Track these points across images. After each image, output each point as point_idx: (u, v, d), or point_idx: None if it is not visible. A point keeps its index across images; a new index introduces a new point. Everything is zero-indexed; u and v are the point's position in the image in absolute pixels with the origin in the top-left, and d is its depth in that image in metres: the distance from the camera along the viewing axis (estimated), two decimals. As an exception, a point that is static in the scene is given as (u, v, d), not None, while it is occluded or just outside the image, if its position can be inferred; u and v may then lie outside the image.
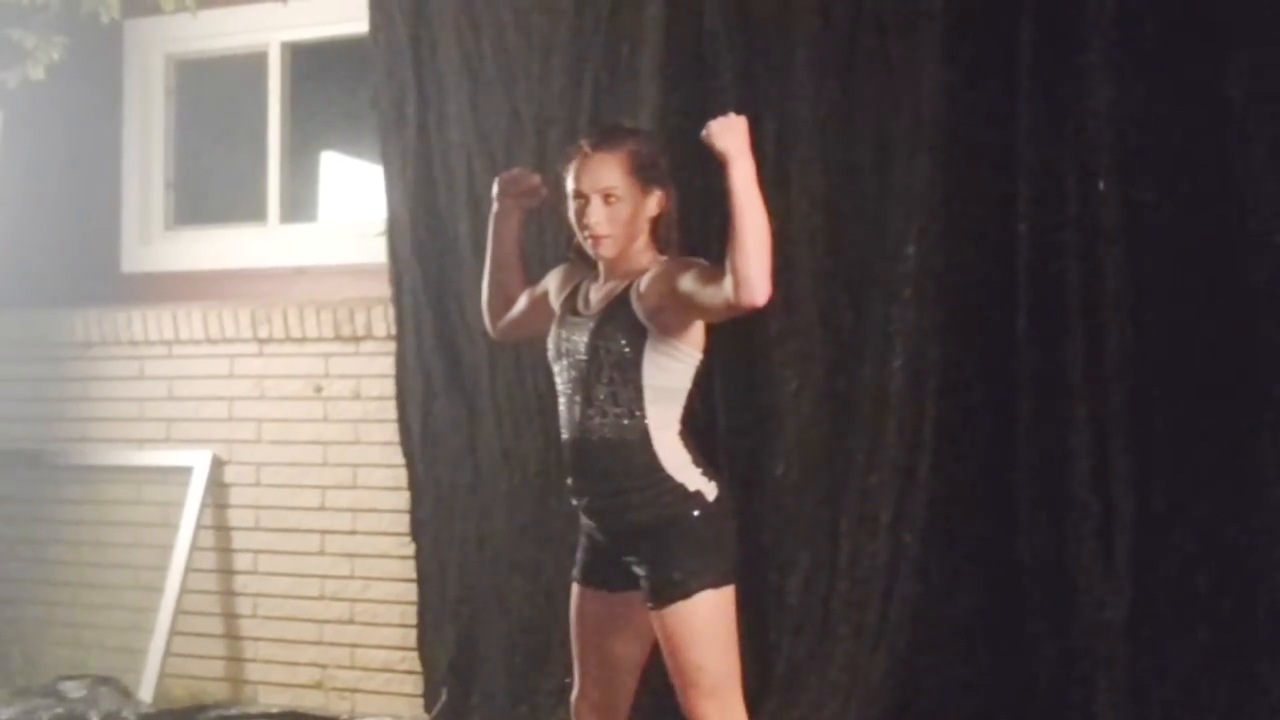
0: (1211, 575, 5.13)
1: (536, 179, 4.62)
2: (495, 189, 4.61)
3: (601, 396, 4.14)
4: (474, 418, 6.50)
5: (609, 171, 4.15)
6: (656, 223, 4.21)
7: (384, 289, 6.76)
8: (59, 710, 6.82)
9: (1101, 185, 5.24)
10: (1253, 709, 5.06)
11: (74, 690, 6.99)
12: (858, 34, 5.69)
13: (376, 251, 6.80)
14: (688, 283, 4.01)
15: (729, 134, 3.90)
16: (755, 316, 4.43)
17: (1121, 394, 5.22)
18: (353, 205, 7.79)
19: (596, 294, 4.25)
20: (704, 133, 3.94)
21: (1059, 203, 5.32)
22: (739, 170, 3.88)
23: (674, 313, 4.08)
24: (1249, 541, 5.09)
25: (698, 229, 4.54)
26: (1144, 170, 5.22)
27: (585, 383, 4.17)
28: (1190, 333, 5.17)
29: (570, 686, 4.44)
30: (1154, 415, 5.20)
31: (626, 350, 4.12)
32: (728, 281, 3.87)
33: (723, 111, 4.00)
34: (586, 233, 4.18)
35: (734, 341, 5.47)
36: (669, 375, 4.15)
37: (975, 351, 5.50)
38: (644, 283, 4.12)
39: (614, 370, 4.13)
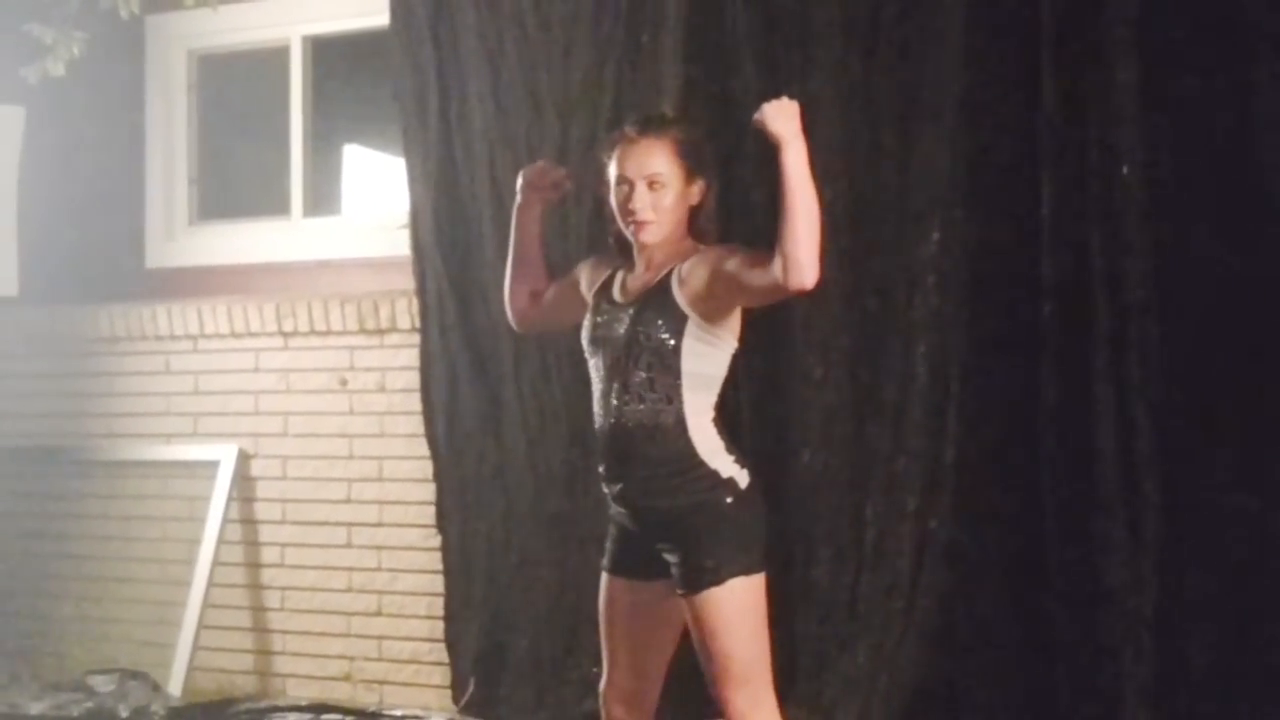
0: (1239, 564, 5.11)
1: (562, 172, 4.64)
2: (520, 180, 4.62)
3: (638, 382, 4.15)
4: (499, 409, 6.50)
5: (655, 157, 4.17)
6: (695, 212, 4.22)
7: (408, 281, 6.76)
8: (88, 704, 6.85)
9: (1125, 170, 5.23)
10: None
11: (103, 684, 7.02)
12: (879, 18, 5.68)
13: (400, 244, 6.80)
14: (734, 265, 4.04)
15: (782, 117, 3.95)
16: (779, 304, 4.43)
17: (1147, 380, 5.21)
18: (376, 198, 7.81)
19: (634, 282, 4.26)
20: (756, 116, 3.97)
21: (1083, 188, 5.31)
22: (792, 153, 3.92)
23: (719, 297, 4.10)
24: (1277, 530, 5.08)
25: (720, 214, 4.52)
26: (1168, 155, 5.21)
27: (622, 370, 4.18)
28: (1216, 318, 5.16)
29: (598, 676, 4.45)
30: (1180, 401, 5.19)
31: (666, 337, 4.13)
32: (777, 263, 3.90)
33: (745, 98, 4.02)
34: (630, 219, 4.19)
35: (758, 329, 5.45)
36: (707, 362, 4.16)
37: (1000, 337, 5.49)
38: (686, 269, 4.14)
39: (653, 357, 4.14)
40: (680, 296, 4.13)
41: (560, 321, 4.61)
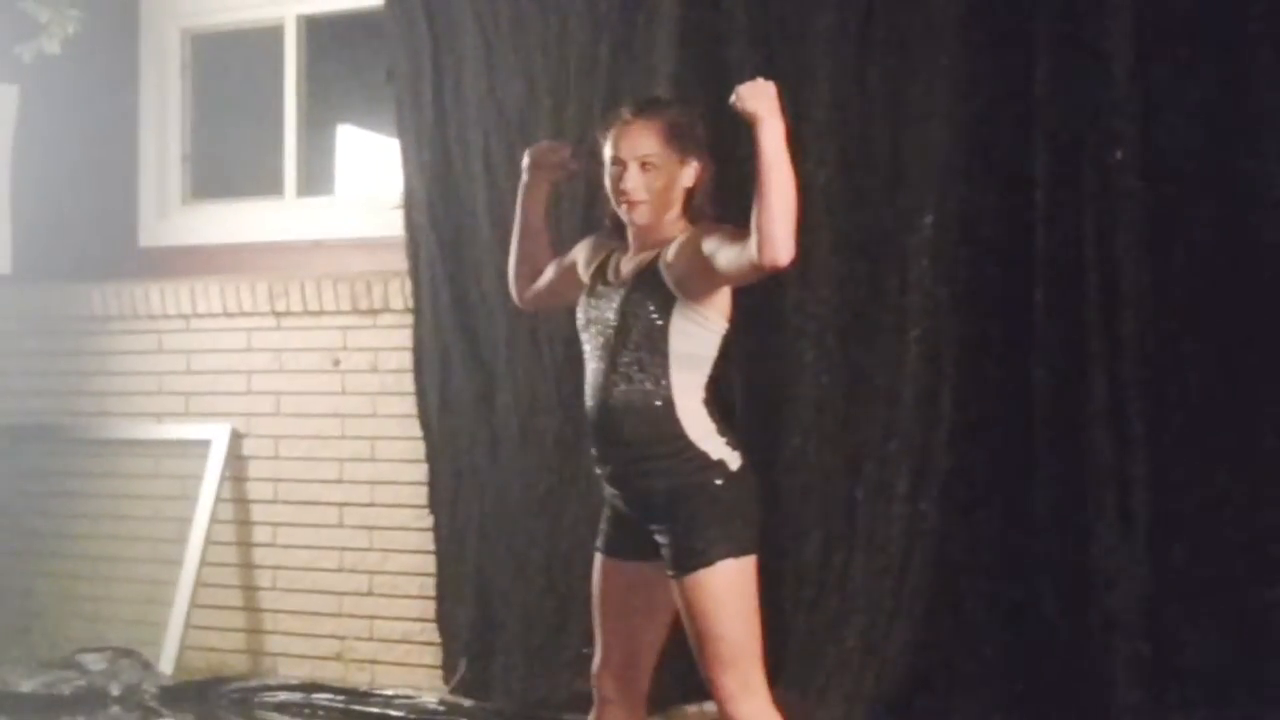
0: (1231, 545, 5.13)
1: (567, 151, 4.66)
2: (526, 160, 4.63)
3: (627, 363, 4.16)
4: (491, 389, 6.51)
5: (648, 139, 4.18)
6: (691, 194, 4.23)
7: (401, 262, 6.76)
8: (80, 683, 6.86)
9: (1119, 154, 5.24)
10: (1274, 681, 5.06)
11: (94, 663, 7.02)
12: (874, 1, 5.68)
13: (393, 224, 6.80)
14: (713, 244, 4.05)
15: (758, 97, 3.96)
16: (771, 286, 4.45)
17: (1139, 364, 5.22)
18: (369, 178, 7.80)
19: (627, 264, 4.27)
20: (732, 97, 3.98)
21: (1076, 172, 5.32)
22: (768, 132, 3.93)
23: (700, 276, 4.11)
24: (1269, 511, 5.09)
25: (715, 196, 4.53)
26: (1162, 140, 5.21)
27: (612, 350, 4.19)
28: (1209, 302, 5.17)
29: (590, 656, 4.45)
30: (1173, 384, 5.20)
31: (655, 318, 4.14)
32: (753, 242, 3.91)
33: (740, 80, 4.03)
34: (623, 199, 4.20)
35: (750, 312, 5.45)
36: (696, 343, 4.17)
37: (992, 321, 5.50)
38: (671, 250, 4.16)
39: (642, 337, 4.15)
40: (667, 276, 4.15)
41: (561, 301, 4.61)
